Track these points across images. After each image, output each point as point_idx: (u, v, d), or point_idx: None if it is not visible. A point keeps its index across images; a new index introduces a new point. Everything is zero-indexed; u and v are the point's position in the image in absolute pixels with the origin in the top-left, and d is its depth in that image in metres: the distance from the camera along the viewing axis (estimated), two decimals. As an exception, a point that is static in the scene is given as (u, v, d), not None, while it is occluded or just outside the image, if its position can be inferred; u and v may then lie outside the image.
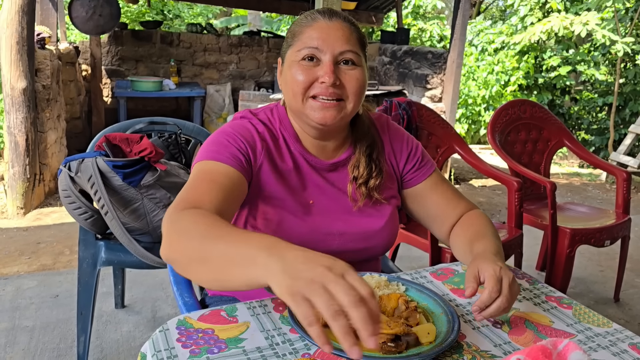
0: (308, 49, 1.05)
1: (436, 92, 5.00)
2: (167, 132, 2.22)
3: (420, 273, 1.14)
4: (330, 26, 1.06)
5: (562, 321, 0.96)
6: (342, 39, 1.05)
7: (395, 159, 1.23)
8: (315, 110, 1.05)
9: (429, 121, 2.51)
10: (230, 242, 0.78)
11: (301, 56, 1.05)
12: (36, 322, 2.26)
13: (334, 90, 1.04)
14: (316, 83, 1.04)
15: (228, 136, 1.08)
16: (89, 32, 5.06)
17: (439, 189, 1.24)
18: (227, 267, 0.76)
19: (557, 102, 7.59)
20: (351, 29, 1.08)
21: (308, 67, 1.05)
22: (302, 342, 0.85)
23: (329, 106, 1.04)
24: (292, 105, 1.10)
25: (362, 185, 1.15)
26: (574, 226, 2.37)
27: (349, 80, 1.05)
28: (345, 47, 1.05)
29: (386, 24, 8.90)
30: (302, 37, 1.07)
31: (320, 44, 1.04)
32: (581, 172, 6.17)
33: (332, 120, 1.05)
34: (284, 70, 1.11)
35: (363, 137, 1.18)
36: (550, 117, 2.86)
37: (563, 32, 6.44)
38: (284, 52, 1.12)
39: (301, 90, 1.05)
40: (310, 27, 1.07)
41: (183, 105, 6.27)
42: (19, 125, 3.47)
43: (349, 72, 1.06)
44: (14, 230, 3.33)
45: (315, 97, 1.05)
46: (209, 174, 1.01)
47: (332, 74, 1.03)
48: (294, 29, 1.10)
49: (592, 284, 2.98)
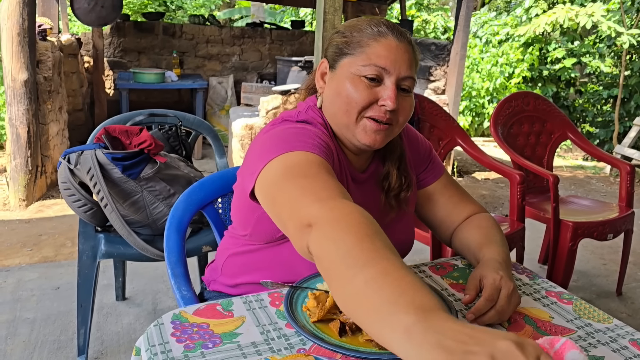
0: (375, 68, 0.99)
1: (439, 84, 4.97)
2: (167, 124, 2.21)
3: (419, 267, 1.13)
4: (400, 47, 1.01)
5: (562, 317, 0.95)
6: (407, 64, 1.01)
7: (415, 162, 1.23)
8: (367, 131, 1.01)
9: (431, 114, 2.49)
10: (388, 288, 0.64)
11: (366, 73, 0.99)
12: (37, 314, 2.27)
13: (390, 116, 1.00)
14: (375, 105, 1.00)
15: (310, 133, 0.98)
16: (91, 24, 5.04)
17: (448, 191, 1.23)
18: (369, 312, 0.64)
19: (561, 94, 7.54)
20: (414, 53, 1.04)
21: (370, 85, 0.99)
22: (298, 337, 0.84)
23: (381, 129, 1.01)
24: (342, 119, 1.03)
25: (394, 198, 1.14)
26: (577, 219, 2.36)
27: (404, 108, 1.03)
28: (409, 72, 1.01)
29: (390, 15, 8.84)
30: (368, 50, 1.00)
31: (389, 65, 0.99)
32: (585, 165, 6.14)
33: (380, 144, 1.03)
34: (336, 78, 1.03)
35: (394, 148, 1.14)
36: (553, 110, 2.84)
37: (568, 24, 6.38)
38: (336, 57, 1.04)
39: (358, 108, 1.00)
40: (379, 42, 1.00)
41: (185, 97, 6.25)
42: (21, 117, 3.46)
43: (405, 99, 1.03)
44: (16, 222, 3.34)
45: (370, 118, 1.00)
46: (316, 165, 0.88)
47: (396, 99, 0.99)
48: (358, 37, 1.02)
49: (594, 278, 2.97)
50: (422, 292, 0.63)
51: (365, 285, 0.65)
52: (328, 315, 0.87)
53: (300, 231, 0.78)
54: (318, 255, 0.73)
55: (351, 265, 0.67)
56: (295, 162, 0.88)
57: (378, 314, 0.62)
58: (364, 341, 0.83)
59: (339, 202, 0.78)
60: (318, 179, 0.84)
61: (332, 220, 0.74)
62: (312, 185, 0.83)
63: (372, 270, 0.65)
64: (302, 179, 0.84)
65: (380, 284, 0.64)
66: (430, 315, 0.59)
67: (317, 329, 0.84)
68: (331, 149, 1.01)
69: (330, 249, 0.71)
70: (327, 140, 1.00)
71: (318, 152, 0.92)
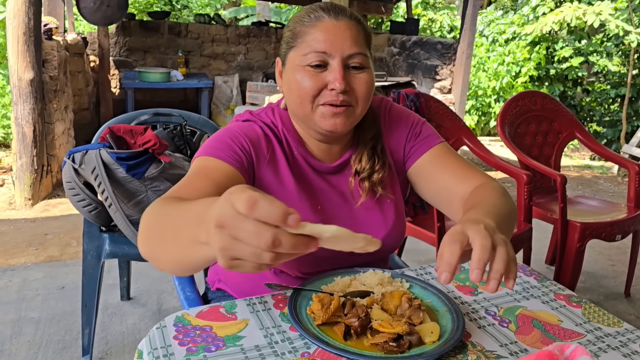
0: (315, 54, 0.97)
1: (446, 83, 4.95)
2: (172, 124, 2.20)
3: (425, 269, 1.11)
4: (338, 26, 0.98)
5: (571, 320, 0.94)
6: (350, 41, 0.98)
7: (398, 143, 1.15)
8: (325, 117, 0.99)
9: (437, 113, 2.47)
10: (181, 213, 0.70)
11: (308, 62, 0.98)
12: (42, 314, 2.27)
13: (344, 97, 0.98)
14: (325, 90, 0.98)
15: (232, 135, 1.03)
16: (97, 23, 5.05)
17: (443, 162, 1.11)
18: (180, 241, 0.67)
19: (568, 93, 7.49)
20: (358, 28, 1.01)
21: (316, 72, 0.98)
22: (302, 341, 0.83)
23: (339, 112, 0.99)
24: (298, 112, 1.03)
25: (366, 180, 1.09)
26: (585, 220, 2.33)
27: (359, 85, 1.00)
28: (354, 49, 0.98)
29: (396, 14, 8.82)
30: (306, 38, 0.99)
31: (328, 48, 0.97)
32: (592, 165, 6.09)
33: (342, 127, 1.01)
34: (286, 74, 1.04)
35: (367, 130, 1.12)
36: (561, 109, 2.81)
37: (575, 23, 6.33)
38: (284, 53, 1.05)
39: (309, 98, 0.99)
40: (315, 27, 0.99)
41: (191, 96, 6.26)
42: (27, 116, 3.47)
43: (358, 77, 1.00)
44: (21, 221, 3.34)
45: (324, 104, 0.99)
46: (205, 170, 0.95)
47: (343, 80, 0.97)
48: (295, 28, 1.02)
49: (602, 279, 2.94)
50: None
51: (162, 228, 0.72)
52: (332, 318, 0.86)
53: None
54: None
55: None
56: (203, 165, 0.96)
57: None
58: (369, 345, 0.81)
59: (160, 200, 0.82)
60: (200, 181, 0.91)
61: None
62: (189, 182, 0.91)
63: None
64: (194, 177, 0.93)
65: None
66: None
67: (321, 332, 0.83)
68: (260, 145, 1.03)
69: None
70: (255, 138, 1.03)
71: (223, 156, 0.97)
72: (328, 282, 0.99)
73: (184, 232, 0.65)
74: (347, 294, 0.93)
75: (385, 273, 1.01)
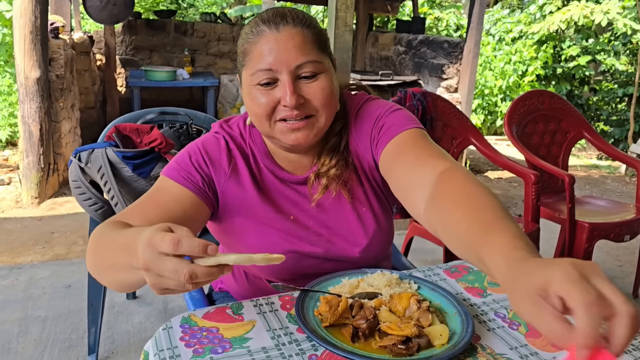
0: (262, 72, 0.94)
1: (452, 82, 4.92)
2: (178, 123, 2.20)
3: (434, 270, 1.10)
4: (279, 38, 0.93)
5: (582, 323, 0.92)
6: (295, 51, 0.93)
7: (365, 145, 1.06)
8: (285, 133, 0.96)
9: (444, 112, 2.45)
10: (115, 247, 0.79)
11: (257, 81, 0.95)
12: (48, 312, 2.27)
13: (299, 111, 0.94)
14: (279, 106, 0.95)
15: (193, 153, 1.02)
16: (103, 22, 5.05)
17: (402, 150, 0.97)
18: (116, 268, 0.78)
19: (575, 92, 7.45)
20: (303, 34, 0.95)
21: (266, 90, 0.95)
22: (309, 343, 0.82)
23: (299, 127, 0.95)
24: (260, 129, 1.01)
25: (323, 176, 1.05)
26: (593, 220, 2.31)
27: (314, 94, 0.95)
28: (301, 59, 0.93)
29: (402, 12, 8.79)
30: (251, 57, 0.96)
31: (273, 64, 0.93)
32: (600, 165, 6.06)
33: (306, 139, 0.97)
34: (244, 94, 1.01)
35: (332, 135, 1.06)
36: (569, 108, 2.79)
37: (583, 21, 6.30)
38: (239, 70, 1.02)
39: (265, 117, 0.96)
40: (257, 43, 0.95)
41: (197, 95, 6.26)
42: (33, 115, 3.48)
43: (311, 86, 0.95)
44: (28, 220, 3.35)
45: (281, 120, 0.96)
46: (158, 196, 0.97)
47: (293, 94, 0.92)
48: (242, 46, 0.99)
49: (611, 280, 2.91)
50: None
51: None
52: (340, 320, 0.85)
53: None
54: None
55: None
56: (159, 188, 1.00)
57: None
58: (377, 347, 0.80)
59: (120, 216, 0.92)
60: (150, 208, 0.95)
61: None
62: (138, 207, 0.96)
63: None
64: (145, 201, 0.97)
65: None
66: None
67: (329, 334, 0.82)
68: (221, 161, 1.03)
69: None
70: (215, 155, 1.03)
71: (179, 179, 0.99)
72: (336, 283, 0.99)
73: (120, 259, 0.75)
74: (354, 296, 0.93)
75: (393, 274, 1.00)
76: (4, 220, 3.34)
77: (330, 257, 1.07)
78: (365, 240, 1.06)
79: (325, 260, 1.06)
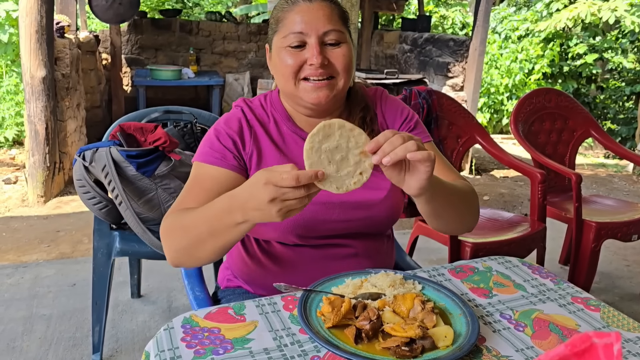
0: (293, 35, 1.06)
1: (458, 80, 4.90)
2: (182, 121, 2.19)
3: (438, 270, 1.09)
4: (311, 7, 1.07)
5: (590, 325, 0.91)
6: (324, 19, 1.06)
7: (392, 127, 1.20)
8: (309, 91, 1.07)
9: (449, 110, 2.44)
10: (209, 214, 0.92)
11: (288, 43, 1.07)
12: (53, 311, 2.27)
13: (323, 70, 1.06)
14: (305, 65, 1.07)
15: (219, 133, 1.12)
16: (109, 21, 5.06)
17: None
18: (217, 232, 0.91)
19: (582, 90, 7.40)
20: (331, 7, 1.09)
21: (295, 51, 1.07)
22: (312, 344, 0.81)
23: (321, 86, 1.07)
24: (285, 89, 1.12)
25: None
26: (600, 220, 2.29)
27: (336, 58, 1.07)
28: (328, 26, 1.06)
29: (407, 11, 8.76)
30: (285, 22, 1.08)
31: (304, 28, 1.06)
32: (607, 163, 6.01)
33: (326, 99, 1.08)
34: (272, 57, 1.13)
35: (356, 104, 1.18)
36: (576, 107, 2.76)
37: (590, 19, 6.25)
38: (270, 38, 1.14)
39: (292, 74, 1.07)
40: (292, 11, 1.08)
41: (202, 94, 6.26)
42: (39, 114, 3.48)
43: (335, 51, 1.07)
44: (34, 218, 3.36)
45: (307, 79, 1.07)
46: (200, 182, 1.08)
47: (320, 55, 1.05)
48: (276, 14, 1.12)
49: (617, 279, 2.89)
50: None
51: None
52: (343, 320, 0.84)
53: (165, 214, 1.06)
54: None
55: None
56: (198, 175, 1.10)
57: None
58: (381, 349, 0.79)
59: (178, 205, 1.05)
60: (197, 193, 1.06)
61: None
62: (188, 195, 1.07)
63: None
64: (191, 189, 1.09)
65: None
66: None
67: (331, 336, 0.81)
68: (242, 130, 1.13)
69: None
70: (236, 126, 1.12)
71: (213, 160, 1.10)
72: (339, 283, 0.98)
73: (219, 224, 0.89)
74: (358, 296, 0.91)
75: (397, 274, 0.99)
76: (10, 218, 3.35)
77: (354, 202, 1.12)
78: (384, 192, 1.14)
79: (349, 207, 1.12)
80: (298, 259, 1.14)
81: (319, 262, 1.13)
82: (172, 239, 0.98)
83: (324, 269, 1.09)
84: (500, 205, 4.09)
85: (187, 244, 0.96)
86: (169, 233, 0.99)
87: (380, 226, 1.19)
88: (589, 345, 0.49)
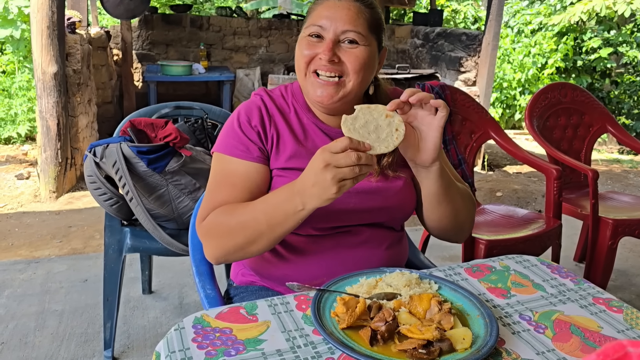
0: (314, 27, 1.07)
1: (470, 75, 4.85)
2: (193, 117, 2.18)
3: (454, 269, 1.06)
4: (338, 5, 1.07)
5: (612, 327, 0.88)
6: (346, 19, 1.06)
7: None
8: (315, 87, 1.07)
9: (463, 106, 2.40)
10: (265, 206, 0.97)
11: (308, 33, 1.08)
12: (65, 306, 2.28)
13: (331, 67, 1.05)
14: (316, 58, 1.07)
15: (240, 123, 1.12)
16: (120, 17, 5.06)
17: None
18: (275, 221, 0.95)
19: (596, 85, 7.29)
20: (360, 10, 1.08)
21: (312, 43, 1.08)
22: (326, 345, 0.79)
23: (328, 84, 1.06)
24: (298, 78, 1.13)
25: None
26: (617, 217, 2.25)
27: (348, 57, 1.06)
28: (348, 26, 1.05)
29: (419, 5, 8.68)
30: (312, 14, 1.10)
31: (325, 23, 1.06)
32: (621, 159, 5.92)
33: (330, 99, 1.07)
34: (296, 47, 1.14)
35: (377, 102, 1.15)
36: (592, 102, 2.71)
37: (605, 12, 6.15)
38: (302, 30, 1.15)
39: (304, 65, 1.08)
40: (321, 5, 1.09)
41: (213, 89, 6.25)
42: (51, 110, 3.49)
43: (349, 51, 1.06)
44: (46, 214, 3.38)
45: (318, 75, 1.07)
46: (227, 176, 1.08)
47: (329, 51, 1.05)
48: (310, 7, 1.14)
49: (634, 277, 2.84)
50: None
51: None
52: (358, 321, 0.82)
53: (198, 217, 1.09)
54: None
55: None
56: (225, 171, 1.10)
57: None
58: (397, 351, 0.77)
59: (217, 203, 1.07)
60: (227, 191, 1.07)
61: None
62: (219, 193, 1.08)
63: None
64: (220, 187, 1.10)
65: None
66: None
67: (346, 337, 0.79)
68: (262, 118, 1.12)
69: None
70: (256, 115, 1.12)
71: (238, 153, 1.10)
72: (353, 283, 0.96)
73: (279, 214, 0.94)
74: (373, 296, 0.89)
75: (412, 273, 0.97)
76: (23, 214, 3.36)
77: (372, 188, 1.13)
78: (400, 182, 1.15)
79: (366, 196, 1.12)
80: (313, 248, 1.12)
81: (332, 250, 1.12)
82: (223, 239, 1.00)
83: (338, 258, 1.10)
84: (514, 202, 4.04)
85: (243, 241, 0.99)
86: (219, 233, 1.01)
87: (394, 218, 1.18)
88: (623, 354, 0.46)
